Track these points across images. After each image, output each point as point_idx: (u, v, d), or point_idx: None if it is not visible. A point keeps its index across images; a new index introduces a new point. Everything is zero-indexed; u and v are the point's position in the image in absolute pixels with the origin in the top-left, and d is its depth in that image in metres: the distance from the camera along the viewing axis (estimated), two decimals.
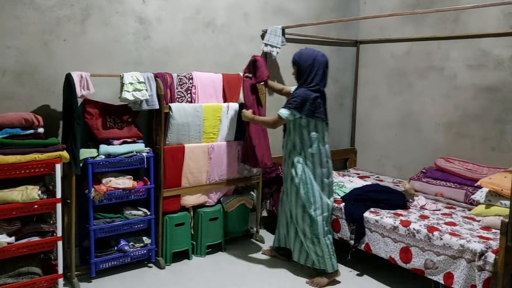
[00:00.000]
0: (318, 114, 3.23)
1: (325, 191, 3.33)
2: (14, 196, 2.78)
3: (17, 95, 3.02)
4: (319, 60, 3.27)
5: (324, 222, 3.30)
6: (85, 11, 3.20)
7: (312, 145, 3.26)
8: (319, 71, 3.25)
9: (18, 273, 2.87)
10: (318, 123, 3.26)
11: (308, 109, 3.18)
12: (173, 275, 3.36)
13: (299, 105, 3.18)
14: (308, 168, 3.27)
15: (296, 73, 3.33)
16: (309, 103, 3.17)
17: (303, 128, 3.25)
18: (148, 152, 3.35)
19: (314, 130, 3.26)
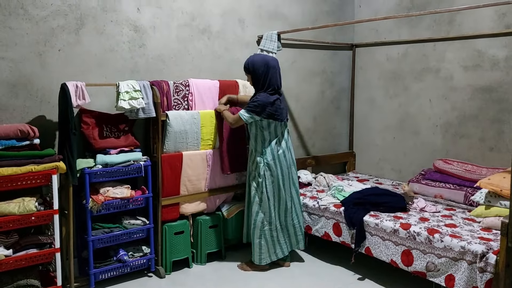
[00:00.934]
0: (277, 116, 3.40)
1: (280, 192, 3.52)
2: (11, 209, 2.75)
3: (11, 107, 3.00)
4: (271, 64, 3.43)
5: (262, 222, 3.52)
6: (79, 20, 3.20)
7: (270, 146, 3.45)
8: (273, 74, 3.41)
9: (16, 286, 2.85)
10: (277, 125, 3.45)
11: (268, 112, 3.36)
12: (173, 284, 3.33)
13: (259, 109, 3.36)
14: (267, 166, 3.45)
15: (252, 81, 3.49)
16: (269, 107, 3.36)
17: (263, 130, 3.43)
18: (146, 161, 3.33)
19: (273, 131, 3.45)
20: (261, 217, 3.50)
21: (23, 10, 2.97)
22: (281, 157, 3.50)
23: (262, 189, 3.47)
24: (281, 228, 3.57)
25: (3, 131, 2.80)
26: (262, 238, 3.51)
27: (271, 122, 3.41)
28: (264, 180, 3.46)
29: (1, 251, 2.75)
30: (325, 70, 4.87)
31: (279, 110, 3.42)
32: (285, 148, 3.54)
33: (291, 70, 4.55)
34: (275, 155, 3.47)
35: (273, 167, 3.46)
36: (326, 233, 3.66)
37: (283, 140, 3.53)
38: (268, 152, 3.45)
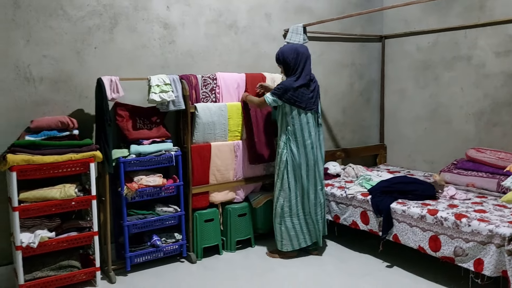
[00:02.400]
0: (298, 102, 3.43)
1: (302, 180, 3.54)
2: (53, 194, 2.98)
3: (53, 101, 3.25)
4: (300, 51, 3.50)
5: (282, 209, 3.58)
6: (113, 19, 3.41)
7: (295, 133, 3.47)
8: (301, 61, 3.47)
9: (59, 266, 3.07)
10: (302, 113, 3.46)
11: (288, 97, 3.41)
12: (204, 270, 3.47)
13: (280, 92, 3.42)
14: (290, 153, 3.49)
15: (284, 70, 3.58)
16: (290, 92, 3.40)
17: (287, 116, 3.48)
18: (176, 151, 3.49)
19: (298, 120, 3.46)
20: (281, 203, 3.56)
21: (62, 11, 3.21)
22: (308, 148, 3.50)
23: (284, 176, 3.52)
24: (304, 217, 3.60)
25: (46, 122, 3.04)
26: (283, 224, 3.57)
27: (294, 109, 3.45)
28: (286, 167, 3.51)
29: (45, 233, 2.98)
30: (354, 62, 4.88)
31: (302, 97, 3.44)
32: (314, 141, 3.53)
33: (318, 63, 4.60)
34: (300, 144, 3.49)
35: (297, 156, 3.49)
36: (354, 221, 3.68)
37: (311, 131, 3.51)
38: (292, 140, 3.48)
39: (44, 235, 2.95)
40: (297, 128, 3.48)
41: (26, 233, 2.94)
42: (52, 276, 3.02)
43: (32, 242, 2.89)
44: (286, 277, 3.31)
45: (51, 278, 3.01)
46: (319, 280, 3.26)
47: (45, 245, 2.95)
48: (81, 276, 3.13)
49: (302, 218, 3.59)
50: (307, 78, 3.48)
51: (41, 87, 3.19)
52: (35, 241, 2.89)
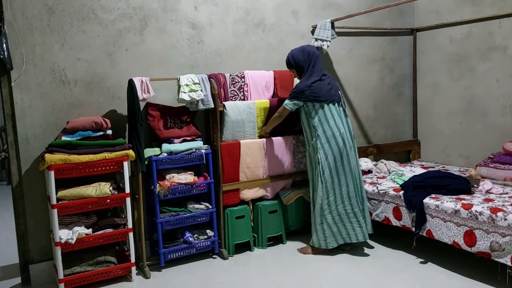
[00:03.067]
0: (319, 97, 3.44)
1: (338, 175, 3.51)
2: (89, 192, 3.09)
3: (88, 102, 3.37)
4: (308, 50, 3.56)
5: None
6: (143, 21, 3.50)
7: (322, 128, 3.46)
8: (312, 59, 3.52)
9: (96, 262, 3.19)
10: (324, 107, 3.47)
11: (307, 95, 3.43)
12: (236, 266, 3.51)
13: (298, 94, 3.46)
14: (322, 150, 3.47)
15: (297, 74, 3.63)
16: (307, 90, 3.43)
17: (311, 114, 3.49)
18: (207, 149, 3.55)
19: (323, 115, 3.47)
20: (319, 203, 3.53)
21: (94, 15, 3.32)
22: (338, 139, 3.47)
23: (319, 174, 3.50)
24: (345, 212, 3.55)
25: (81, 123, 3.16)
26: (324, 223, 3.54)
27: (315, 104, 3.46)
28: (320, 164, 3.48)
29: (82, 230, 3.09)
30: (384, 56, 4.81)
31: (320, 91, 3.45)
32: (343, 131, 3.50)
33: (348, 58, 4.56)
34: (330, 138, 3.47)
35: (329, 151, 3.47)
36: (386, 217, 3.63)
37: (337, 122, 3.50)
38: (322, 136, 3.47)
39: (81, 232, 3.06)
40: (323, 121, 3.47)
41: (64, 230, 3.06)
42: (89, 271, 3.13)
43: (70, 239, 3.00)
44: (318, 273, 3.30)
45: (89, 273, 3.12)
46: (351, 276, 3.24)
47: (83, 241, 3.07)
48: (117, 271, 3.23)
49: (343, 213, 3.54)
50: (320, 74, 3.51)
51: (76, 89, 3.32)
52: (73, 238, 3.01)
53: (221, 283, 3.20)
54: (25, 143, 3.19)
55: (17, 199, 3.24)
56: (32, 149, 3.21)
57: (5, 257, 3.80)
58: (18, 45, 3.10)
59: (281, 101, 3.80)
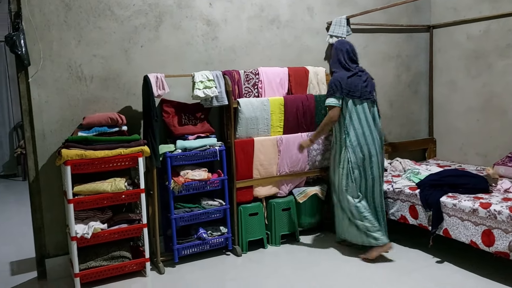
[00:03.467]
0: (353, 93, 3.34)
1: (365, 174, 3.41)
2: (105, 187, 3.11)
3: (103, 98, 3.39)
4: (336, 47, 3.49)
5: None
6: (158, 18, 3.51)
7: (353, 125, 3.36)
8: (340, 54, 3.44)
9: (111, 257, 3.21)
10: (357, 104, 3.36)
11: (343, 87, 3.33)
12: (249, 263, 3.50)
13: (335, 87, 3.36)
14: (350, 148, 3.36)
15: (330, 73, 3.62)
16: (344, 82, 3.34)
17: (342, 110, 3.38)
18: (220, 146, 3.55)
19: (355, 112, 3.36)
20: (352, 203, 3.41)
21: (110, 12, 3.34)
22: (368, 140, 3.36)
23: (348, 173, 3.39)
24: (375, 211, 3.47)
25: (97, 119, 3.18)
26: (365, 221, 3.38)
27: (348, 100, 3.34)
28: (350, 163, 3.37)
29: (98, 225, 3.12)
30: (400, 54, 4.75)
31: (355, 86, 3.35)
32: (373, 131, 3.38)
33: (363, 55, 4.50)
34: (359, 137, 3.35)
35: (358, 151, 3.36)
36: (403, 216, 3.59)
37: (369, 122, 3.38)
38: (353, 135, 3.36)
39: (97, 227, 3.09)
40: (354, 119, 3.36)
41: (80, 224, 3.09)
42: (104, 265, 3.16)
43: (86, 233, 3.03)
44: (332, 271, 3.28)
45: (104, 267, 3.14)
46: (365, 274, 3.21)
47: (98, 236, 3.09)
48: (131, 266, 3.25)
49: (373, 214, 3.44)
50: (353, 68, 3.42)
51: (92, 85, 3.34)
52: (89, 232, 3.03)
53: (234, 280, 3.20)
54: (42, 138, 3.23)
55: (34, 194, 3.27)
56: (48, 145, 3.25)
57: (21, 252, 3.85)
58: (36, 41, 3.14)
59: (296, 98, 3.80)
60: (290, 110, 3.77)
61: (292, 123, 3.80)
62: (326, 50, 4.29)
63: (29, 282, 3.30)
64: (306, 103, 3.82)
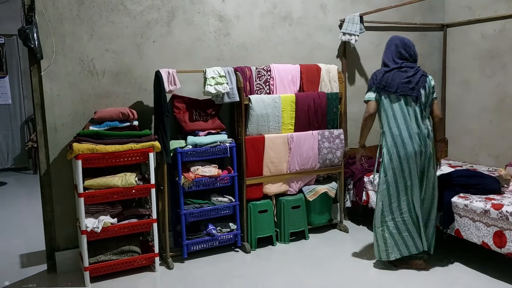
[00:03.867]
0: (388, 87, 3.13)
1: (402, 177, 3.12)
2: (115, 182, 3.12)
3: (115, 93, 3.39)
4: (388, 42, 3.32)
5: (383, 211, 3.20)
6: (170, 13, 3.51)
7: (389, 125, 3.15)
8: (390, 48, 3.27)
9: (120, 251, 3.22)
10: (394, 100, 3.13)
11: (377, 83, 3.18)
12: (258, 260, 3.49)
13: (370, 82, 3.25)
14: (385, 149, 3.18)
15: None
16: (379, 77, 3.18)
17: (382, 107, 3.19)
18: (231, 142, 3.54)
19: (388, 107, 3.16)
20: (379, 206, 3.20)
21: (123, 6, 3.34)
22: (406, 141, 3.07)
23: (381, 175, 3.19)
24: (411, 220, 3.16)
25: (108, 113, 3.19)
26: (386, 230, 3.18)
27: (385, 96, 3.14)
28: (383, 164, 3.17)
29: (108, 219, 3.13)
30: None
31: (392, 81, 3.11)
32: (413, 132, 3.08)
33: (376, 53, 4.47)
34: (396, 138, 3.10)
35: (394, 152, 3.11)
36: None
37: (409, 122, 3.09)
38: (388, 134, 3.14)
39: (107, 221, 3.10)
40: (390, 117, 3.13)
41: (90, 218, 3.10)
42: (114, 260, 3.17)
43: (96, 227, 3.04)
44: (340, 270, 3.26)
45: (113, 261, 3.16)
46: (374, 273, 3.19)
47: (108, 230, 3.10)
48: (141, 261, 3.26)
49: (409, 222, 3.16)
50: (397, 62, 3.17)
51: (104, 79, 3.35)
52: (99, 226, 3.04)
53: (242, 277, 3.20)
54: (53, 132, 3.24)
55: (44, 187, 3.29)
56: (60, 138, 3.26)
57: (32, 244, 3.88)
58: (49, 35, 3.15)
59: (308, 95, 3.77)
60: (302, 108, 3.74)
61: (303, 121, 3.78)
62: (339, 48, 4.27)
63: (39, 275, 3.32)
64: (318, 101, 3.80)
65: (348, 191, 4.23)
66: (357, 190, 4.10)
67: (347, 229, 4.04)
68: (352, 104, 4.39)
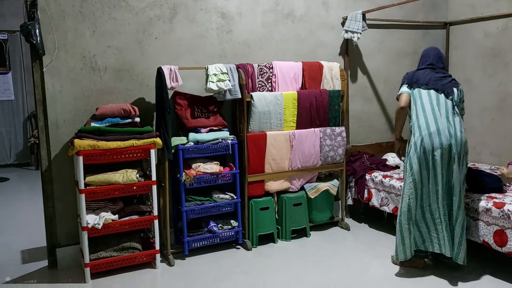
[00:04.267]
0: (419, 81, 3.11)
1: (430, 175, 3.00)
2: (117, 178, 3.12)
3: (116, 89, 3.39)
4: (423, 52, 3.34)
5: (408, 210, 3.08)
6: (172, 10, 3.50)
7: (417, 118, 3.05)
8: (420, 59, 3.31)
9: (121, 248, 3.22)
10: (421, 92, 3.09)
11: (409, 77, 3.17)
12: (259, 256, 3.50)
13: (403, 79, 3.23)
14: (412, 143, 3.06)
15: None
16: (410, 73, 3.20)
17: (413, 102, 3.12)
18: (233, 140, 3.54)
19: (417, 99, 3.09)
20: (406, 201, 3.07)
21: (125, 3, 3.34)
22: (433, 137, 2.95)
23: (407, 168, 3.09)
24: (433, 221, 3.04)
25: (110, 110, 3.18)
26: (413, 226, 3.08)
27: (415, 88, 3.10)
28: (409, 158, 3.07)
29: (109, 216, 3.13)
30: (416, 50, 4.69)
31: (424, 76, 3.11)
32: (443, 128, 2.96)
33: (378, 50, 4.48)
34: (422, 131, 2.99)
35: (419, 150, 2.99)
36: None
37: (438, 116, 2.99)
38: (416, 127, 3.04)
39: (108, 217, 3.10)
40: (419, 111, 3.05)
41: (91, 215, 3.10)
42: (115, 256, 3.17)
43: (97, 224, 3.04)
44: (341, 267, 3.26)
45: (114, 258, 3.16)
46: (373, 270, 3.19)
47: (109, 226, 3.10)
48: (142, 258, 3.26)
49: (430, 223, 3.06)
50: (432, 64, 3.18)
51: (106, 76, 3.35)
52: (100, 223, 3.05)
53: (244, 274, 3.20)
54: (55, 128, 3.24)
55: (46, 183, 3.29)
56: (61, 134, 3.26)
57: (33, 240, 3.89)
58: (51, 31, 3.14)
59: (310, 93, 3.77)
60: (304, 105, 3.74)
61: (305, 118, 3.77)
62: (341, 45, 4.26)
63: (40, 271, 3.33)
64: (320, 98, 3.80)
65: (350, 189, 4.23)
66: (359, 188, 4.09)
67: (349, 226, 4.03)
68: (354, 102, 4.39)
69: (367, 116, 4.52)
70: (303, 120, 3.78)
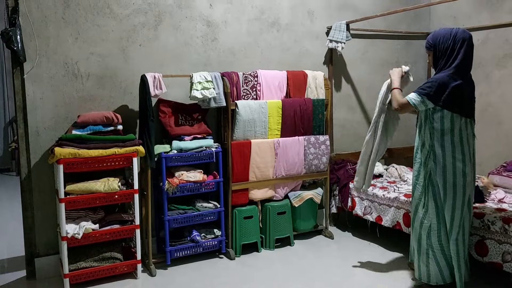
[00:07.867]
0: (456, 107, 2.60)
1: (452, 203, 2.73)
2: (98, 187, 3.07)
3: (99, 97, 3.35)
4: (459, 36, 2.66)
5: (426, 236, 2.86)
6: (157, 17, 3.48)
7: (444, 146, 2.68)
8: (460, 50, 2.64)
9: (102, 258, 3.17)
10: (455, 121, 2.64)
11: (445, 99, 2.59)
12: (242, 266, 3.47)
13: (433, 91, 2.60)
14: (433, 171, 2.75)
15: (433, 60, 2.79)
16: (448, 91, 2.59)
17: (435, 122, 2.68)
18: (217, 148, 3.52)
19: (449, 132, 2.66)
20: (426, 225, 2.82)
21: (109, 10, 3.31)
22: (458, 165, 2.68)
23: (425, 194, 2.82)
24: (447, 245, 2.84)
25: (92, 117, 3.14)
26: (430, 252, 2.83)
27: (446, 115, 2.62)
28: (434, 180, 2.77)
29: (89, 225, 3.07)
30: (399, 60, 4.75)
31: (463, 100, 2.62)
32: (467, 159, 2.70)
33: (362, 60, 4.52)
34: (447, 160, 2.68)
35: (440, 175, 2.73)
36: (398, 222, 3.58)
37: (465, 146, 2.69)
38: (439, 153, 2.69)
39: (88, 227, 3.05)
40: (455, 142, 2.65)
41: (71, 224, 3.05)
42: (95, 266, 3.11)
43: (77, 233, 2.99)
44: (325, 276, 3.25)
45: (94, 268, 3.10)
46: (359, 279, 3.19)
47: (89, 236, 3.05)
48: (123, 268, 3.21)
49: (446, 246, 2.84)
50: (468, 74, 2.71)
51: (88, 83, 3.30)
52: (80, 232, 2.99)
53: (226, 283, 3.17)
54: (35, 135, 3.18)
55: (25, 191, 3.23)
56: (42, 142, 3.21)
57: (12, 249, 3.80)
58: (32, 37, 3.09)
59: (294, 101, 3.78)
60: (288, 113, 3.75)
61: (290, 127, 3.78)
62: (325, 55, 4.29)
63: (18, 281, 3.25)
64: (304, 107, 3.81)
65: (334, 197, 4.24)
66: (343, 196, 4.11)
67: (332, 235, 4.04)
68: (338, 111, 4.42)
69: (351, 125, 4.55)
70: (287, 128, 3.79)
